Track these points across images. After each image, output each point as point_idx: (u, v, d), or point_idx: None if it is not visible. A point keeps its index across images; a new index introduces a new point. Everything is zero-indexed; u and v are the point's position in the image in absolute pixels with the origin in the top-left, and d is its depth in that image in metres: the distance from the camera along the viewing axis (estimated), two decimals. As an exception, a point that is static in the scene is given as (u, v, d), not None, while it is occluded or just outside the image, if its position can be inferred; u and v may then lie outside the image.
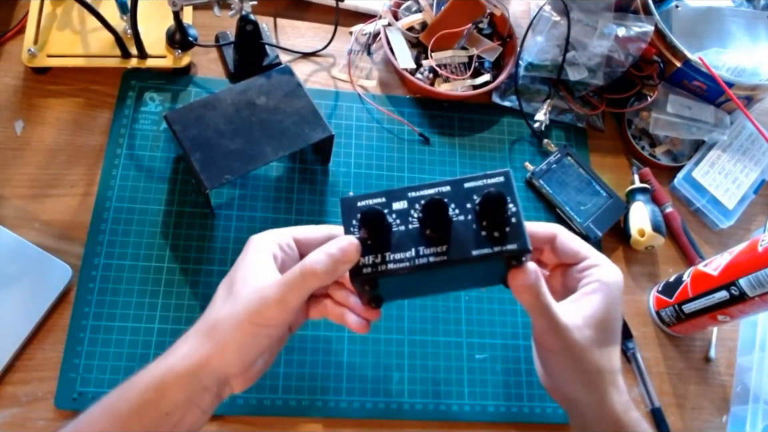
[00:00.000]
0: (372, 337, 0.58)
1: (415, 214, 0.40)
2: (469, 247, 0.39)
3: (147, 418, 0.39)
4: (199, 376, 0.39)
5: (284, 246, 0.43)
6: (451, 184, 0.40)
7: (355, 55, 0.73)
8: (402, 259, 0.39)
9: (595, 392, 0.43)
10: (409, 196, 0.40)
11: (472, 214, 0.40)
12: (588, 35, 0.69)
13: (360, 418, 0.55)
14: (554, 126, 0.72)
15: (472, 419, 0.57)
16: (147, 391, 0.39)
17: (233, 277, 0.41)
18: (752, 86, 0.69)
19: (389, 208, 0.40)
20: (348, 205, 0.40)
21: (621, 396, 0.43)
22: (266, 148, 0.56)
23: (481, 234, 0.39)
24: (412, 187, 0.40)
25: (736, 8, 0.77)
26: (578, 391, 0.44)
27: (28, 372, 0.52)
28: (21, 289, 0.54)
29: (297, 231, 0.45)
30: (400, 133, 0.69)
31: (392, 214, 0.40)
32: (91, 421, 0.40)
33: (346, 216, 0.40)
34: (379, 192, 0.40)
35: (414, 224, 0.39)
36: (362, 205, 0.40)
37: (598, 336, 0.42)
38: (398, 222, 0.40)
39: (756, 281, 0.53)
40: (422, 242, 0.39)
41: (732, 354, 0.65)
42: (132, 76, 0.65)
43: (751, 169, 0.72)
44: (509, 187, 0.40)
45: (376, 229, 0.39)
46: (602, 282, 0.44)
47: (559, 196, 0.67)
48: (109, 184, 0.60)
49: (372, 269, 0.39)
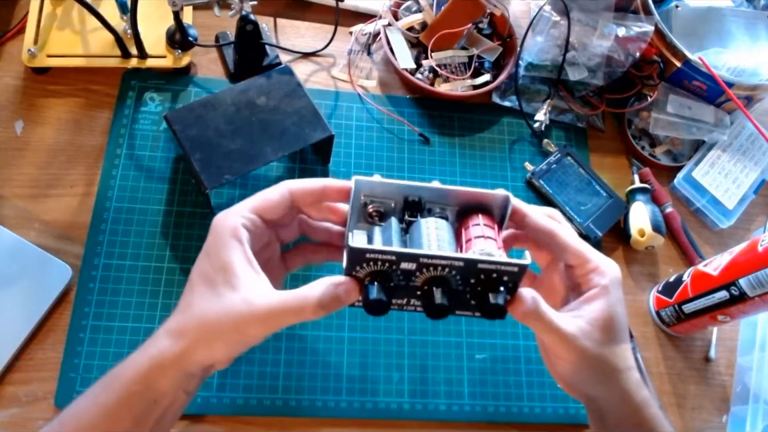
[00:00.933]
0: (372, 337, 0.58)
1: (418, 282, 0.41)
2: (455, 308, 0.42)
3: (135, 407, 0.39)
4: (185, 366, 0.40)
5: (249, 225, 0.42)
6: (465, 261, 0.40)
7: (355, 55, 0.73)
8: (393, 303, 0.42)
9: (614, 389, 0.43)
10: (420, 261, 0.40)
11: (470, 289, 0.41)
12: (588, 35, 0.69)
13: (360, 418, 0.55)
14: (554, 126, 0.72)
15: (471, 419, 0.57)
16: (134, 383, 0.39)
17: (212, 276, 0.41)
18: (752, 86, 0.69)
19: (396, 265, 0.40)
20: (354, 256, 0.40)
21: (640, 391, 0.43)
22: (266, 148, 0.56)
23: (471, 303, 0.42)
24: (425, 255, 0.40)
25: (736, 8, 0.77)
26: (596, 389, 0.44)
27: (28, 372, 0.52)
28: (21, 289, 0.54)
29: (254, 200, 0.43)
30: (400, 133, 0.69)
31: (397, 271, 0.40)
32: (77, 415, 0.40)
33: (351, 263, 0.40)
34: (390, 251, 0.39)
35: (415, 283, 0.41)
36: (370, 258, 0.39)
37: (608, 337, 0.43)
38: (401, 278, 0.41)
39: (756, 281, 0.53)
40: (415, 296, 0.42)
41: (732, 354, 0.65)
42: (132, 76, 0.65)
43: (751, 169, 0.72)
44: (520, 277, 0.41)
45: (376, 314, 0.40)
46: (602, 285, 0.44)
47: (559, 196, 0.67)
48: (109, 184, 0.60)
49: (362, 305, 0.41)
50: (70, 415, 0.40)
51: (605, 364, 0.42)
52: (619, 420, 0.44)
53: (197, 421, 0.53)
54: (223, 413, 0.53)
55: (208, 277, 0.41)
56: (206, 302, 0.40)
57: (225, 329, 0.39)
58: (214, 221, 0.43)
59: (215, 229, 0.42)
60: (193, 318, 0.40)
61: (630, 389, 0.43)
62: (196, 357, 0.40)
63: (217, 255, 0.41)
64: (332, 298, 0.39)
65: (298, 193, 0.44)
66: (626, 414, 0.43)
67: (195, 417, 0.53)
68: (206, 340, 0.40)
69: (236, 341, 0.41)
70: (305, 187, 0.43)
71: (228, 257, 0.41)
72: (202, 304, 0.40)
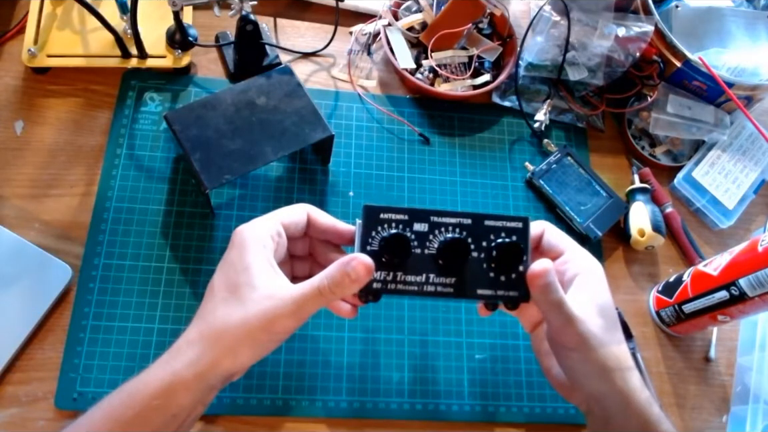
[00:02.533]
0: (372, 337, 0.58)
1: (435, 241, 0.41)
2: (475, 285, 0.42)
3: (154, 422, 0.39)
4: (208, 379, 0.40)
5: (275, 236, 0.43)
6: (472, 218, 0.42)
7: (355, 55, 0.73)
8: (412, 282, 0.41)
9: (617, 383, 0.43)
10: (432, 220, 0.42)
11: (486, 253, 0.42)
12: (588, 35, 0.69)
13: (360, 418, 0.55)
14: (554, 126, 0.72)
15: (471, 419, 0.57)
16: (154, 398, 0.39)
17: (234, 279, 0.41)
18: (752, 86, 0.69)
19: (410, 227, 0.41)
20: (370, 213, 0.41)
21: (643, 391, 0.43)
22: (266, 148, 0.56)
23: (489, 275, 0.42)
24: (435, 211, 0.42)
25: (736, 8, 0.77)
26: (600, 384, 0.44)
27: (28, 372, 0.52)
28: (21, 289, 0.54)
29: (283, 216, 0.45)
30: (400, 133, 0.69)
31: (412, 234, 0.41)
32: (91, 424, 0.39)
33: (367, 225, 0.41)
34: (402, 209, 0.41)
35: (430, 250, 0.41)
36: (384, 218, 0.41)
37: (607, 322, 0.43)
38: (416, 244, 0.41)
39: (756, 281, 0.53)
40: (434, 269, 0.42)
41: (732, 354, 0.65)
42: (132, 76, 0.65)
43: (751, 169, 0.72)
44: (526, 234, 0.43)
45: (397, 255, 0.40)
46: (586, 271, 0.45)
47: (559, 196, 0.67)
48: (109, 184, 0.60)
49: (382, 285, 0.41)
50: (83, 426, 0.40)
51: (608, 351, 0.43)
52: (624, 421, 0.43)
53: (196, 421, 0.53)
54: (223, 413, 0.53)
55: (230, 281, 0.41)
56: (229, 307, 0.40)
57: (252, 329, 0.39)
58: (239, 232, 0.43)
59: (240, 237, 0.43)
60: (216, 324, 0.40)
61: (634, 387, 0.43)
62: (221, 368, 0.40)
63: (240, 259, 0.42)
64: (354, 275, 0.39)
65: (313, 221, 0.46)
66: (631, 414, 0.43)
67: (195, 417, 0.53)
68: (231, 347, 0.40)
69: (264, 341, 0.41)
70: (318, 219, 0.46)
71: (252, 260, 0.41)
72: (226, 309, 0.40)
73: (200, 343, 0.40)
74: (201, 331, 0.40)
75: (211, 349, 0.39)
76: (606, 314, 0.44)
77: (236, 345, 0.40)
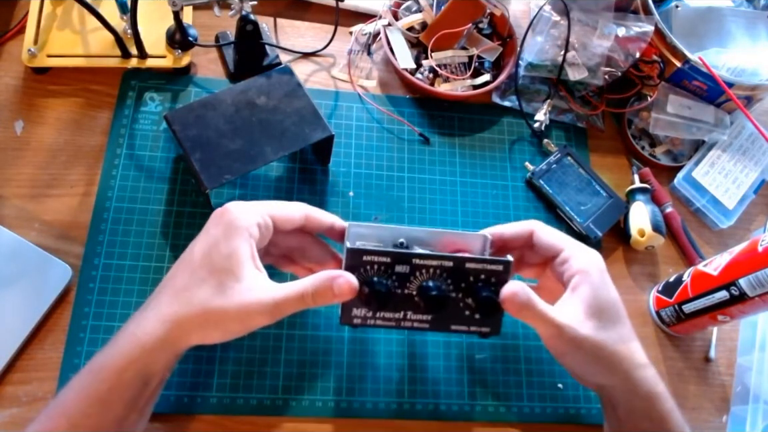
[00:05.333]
0: (372, 337, 0.58)
1: (415, 282, 0.44)
2: (450, 321, 0.45)
3: (128, 392, 0.41)
4: (178, 349, 0.42)
5: (262, 226, 0.44)
6: (453, 261, 0.44)
7: (355, 55, 0.73)
8: (390, 318, 0.45)
9: (618, 374, 0.44)
10: (413, 263, 0.44)
11: (463, 294, 0.44)
12: (588, 35, 0.69)
13: (360, 418, 0.55)
14: (554, 126, 0.72)
15: (471, 419, 0.57)
16: (125, 371, 0.40)
17: (218, 262, 0.42)
18: (752, 86, 0.69)
19: (391, 269, 0.43)
20: (353, 255, 0.43)
21: (646, 370, 0.44)
22: (266, 148, 0.56)
23: (464, 313, 0.45)
24: (417, 254, 0.44)
25: (736, 8, 0.77)
26: (602, 378, 0.45)
27: (28, 372, 0.52)
28: (21, 289, 0.54)
29: (274, 209, 0.45)
30: (400, 133, 0.69)
31: (393, 276, 0.44)
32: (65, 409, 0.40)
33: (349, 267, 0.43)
34: (385, 251, 0.43)
35: (410, 290, 0.44)
36: (367, 260, 0.43)
37: (601, 322, 0.44)
38: (396, 285, 0.44)
39: (756, 281, 0.53)
40: (412, 307, 0.44)
41: (732, 354, 0.65)
42: (132, 76, 0.65)
43: (751, 169, 0.72)
44: (506, 278, 0.44)
45: (378, 301, 0.43)
46: (582, 271, 0.45)
47: (559, 196, 0.67)
48: (109, 184, 0.60)
49: (362, 321, 0.44)
50: (58, 408, 0.41)
51: (604, 349, 0.43)
52: (629, 410, 0.44)
53: (196, 421, 0.53)
54: (223, 413, 0.53)
55: (212, 263, 0.42)
56: (209, 293, 0.41)
57: (228, 319, 0.41)
58: (229, 211, 0.44)
59: (228, 217, 0.43)
60: (192, 307, 0.41)
61: (635, 371, 0.44)
62: (190, 342, 0.42)
63: (226, 241, 0.42)
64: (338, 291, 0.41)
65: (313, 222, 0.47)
66: (637, 404, 0.44)
67: (194, 417, 0.53)
68: (203, 328, 0.41)
69: (235, 331, 0.42)
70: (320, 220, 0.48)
71: (237, 247, 0.42)
72: (204, 294, 0.41)
73: (172, 322, 0.41)
74: (177, 311, 0.41)
75: (183, 328, 0.41)
76: (603, 312, 0.44)
77: (209, 328, 0.41)
